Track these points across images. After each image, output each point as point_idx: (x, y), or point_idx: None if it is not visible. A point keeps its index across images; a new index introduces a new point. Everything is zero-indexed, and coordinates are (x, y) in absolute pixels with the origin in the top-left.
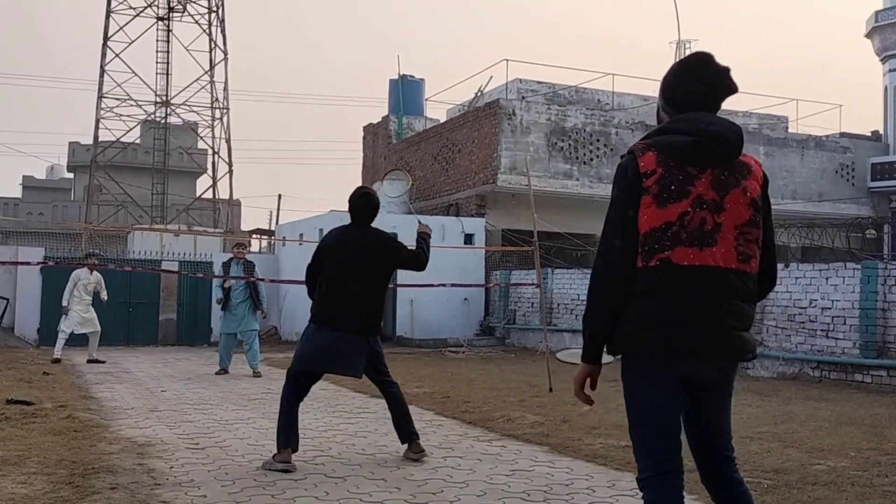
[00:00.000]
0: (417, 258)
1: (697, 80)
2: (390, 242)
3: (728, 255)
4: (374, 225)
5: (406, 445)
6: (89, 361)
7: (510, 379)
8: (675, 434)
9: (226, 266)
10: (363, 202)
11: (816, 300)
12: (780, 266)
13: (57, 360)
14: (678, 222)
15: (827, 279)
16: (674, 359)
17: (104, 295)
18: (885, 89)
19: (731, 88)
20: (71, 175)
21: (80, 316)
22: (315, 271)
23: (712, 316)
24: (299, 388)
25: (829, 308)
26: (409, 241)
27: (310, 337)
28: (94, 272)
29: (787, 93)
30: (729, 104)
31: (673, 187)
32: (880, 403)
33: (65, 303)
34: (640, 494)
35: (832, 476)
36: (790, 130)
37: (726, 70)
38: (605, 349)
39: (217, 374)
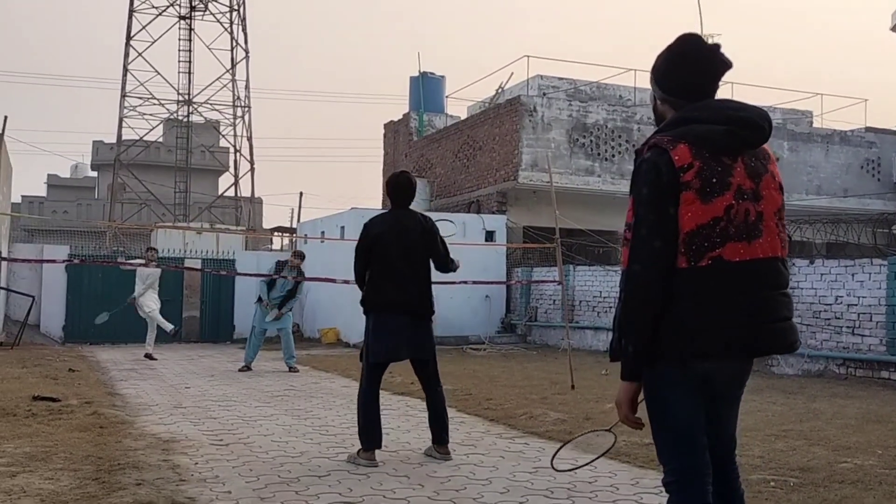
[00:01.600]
0: (449, 257)
1: (697, 65)
2: (433, 226)
3: (773, 244)
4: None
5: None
6: (145, 356)
7: (532, 376)
8: (702, 438)
9: (279, 265)
10: (404, 178)
11: (842, 297)
12: (805, 262)
13: (148, 356)
14: (725, 217)
15: (853, 275)
16: (727, 359)
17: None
18: None
19: (727, 64)
20: (95, 174)
21: (144, 307)
22: (365, 262)
23: (768, 311)
24: (376, 382)
25: (855, 305)
26: None
27: (378, 326)
28: (151, 265)
29: (811, 87)
30: (753, 99)
31: (714, 180)
32: None
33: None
34: (667, 498)
35: (859, 474)
36: (815, 125)
37: (717, 47)
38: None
39: (241, 370)
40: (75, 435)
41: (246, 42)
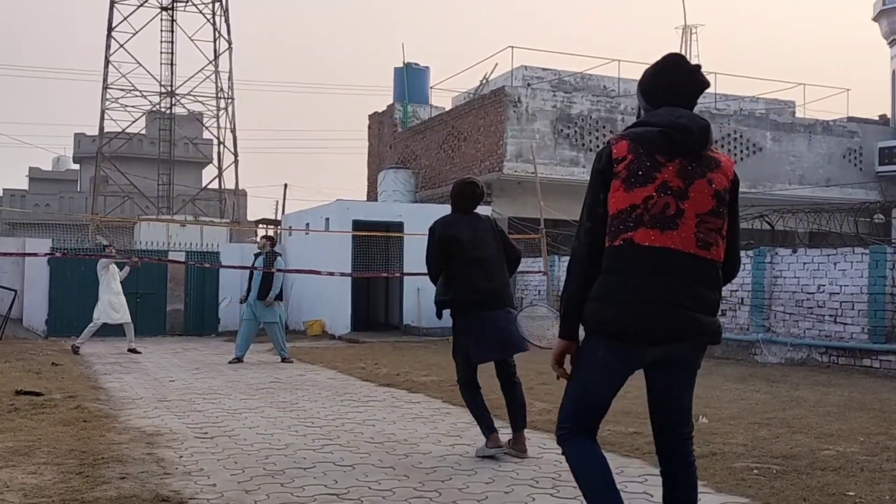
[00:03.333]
0: (517, 252)
1: (671, 79)
2: (496, 224)
3: (688, 240)
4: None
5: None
6: (129, 351)
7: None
8: (603, 409)
9: (255, 257)
10: (470, 189)
11: (824, 285)
12: (787, 251)
13: (75, 349)
14: (643, 205)
15: (835, 264)
16: (624, 335)
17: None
18: (893, 73)
19: (704, 83)
20: (77, 166)
21: (109, 305)
22: (438, 265)
23: (666, 295)
24: (474, 379)
25: (838, 293)
26: (414, 227)
27: (473, 327)
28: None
29: (793, 77)
30: (736, 90)
31: (640, 172)
32: (889, 388)
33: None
34: (561, 451)
35: (841, 461)
36: (797, 115)
37: (697, 68)
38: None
39: (231, 362)
40: (58, 429)
41: (229, 33)
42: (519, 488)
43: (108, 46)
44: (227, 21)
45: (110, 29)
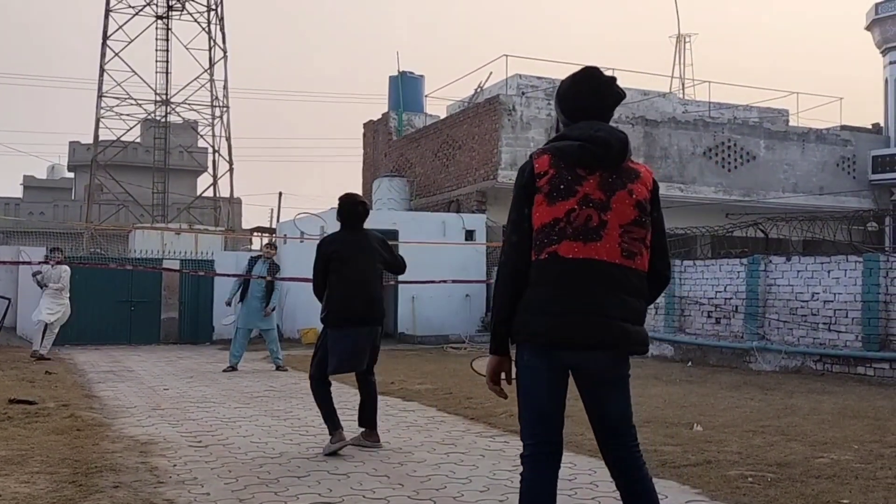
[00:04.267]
0: (399, 261)
1: (587, 92)
2: (382, 241)
3: (612, 251)
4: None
5: (362, 431)
6: (31, 355)
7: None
8: (555, 418)
9: (252, 261)
10: (361, 209)
11: (818, 293)
12: (781, 259)
13: (38, 356)
14: (565, 218)
15: (829, 272)
16: (555, 345)
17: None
18: (886, 82)
19: (620, 95)
20: (72, 175)
21: (46, 308)
22: (320, 281)
23: (593, 306)
24: (326, 378)
25: (831, 301)
26: (408, 235)
27: (338, 339)
28: (57, 266)
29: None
30: (729, 98)
31: (562, 186)
32: (883, 396)
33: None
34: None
35: (836, 469)
36: (791, 124)
37: (612, 80)
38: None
39: (225, 371)
40: (52, 438)
41: (224, 42)
42: (514, 497)
43: (102, 55)
44: (222, 30)
45: (105, 37)
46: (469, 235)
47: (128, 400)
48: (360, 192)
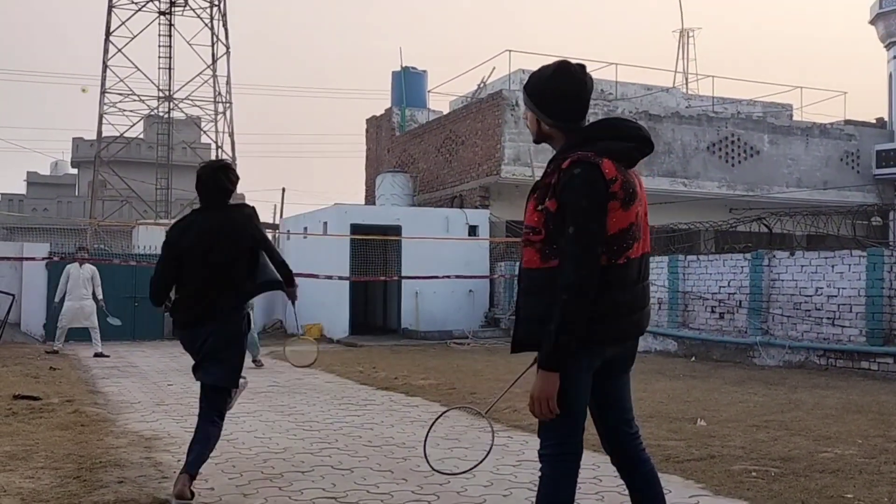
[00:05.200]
0: (282, 263)
1: (577, 90)
2: (254, 223)
3: (646, 241)
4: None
5: None
6: (95, 356)
7: (516, 370)
8: (584, 417)
9: None
10: (211, 176)
11: (822, 288)
12: (785, 254)
13: (53, 351)
14: (636, 222)
15: (832, 267)
16: (619, 342)
17: (98, 292)
18: (890, 76)
19: (592, 81)
20: (75, 171)
21: (72, 310)
22: (160, 276)
23: (644, 299)
24: None
25: (835, 296)
26: (411, 231)
27: (187, 341)
28: (85, 265)
29: (791, 80)
30: (733, 93)
31: (631, 190)
32: (887, 391)
33: (56, 298)
34: (539, 467)
35: (839, 464)
36: (795, 118)
37: (583, 67)
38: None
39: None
40: (56, 433)
41: (227, 37)
42: (517, 491)
43: (105, 51)
44: (224, 25)
45: (108, 34)
46: (472, 231)
47: (132, 395)
48: (363, 188)
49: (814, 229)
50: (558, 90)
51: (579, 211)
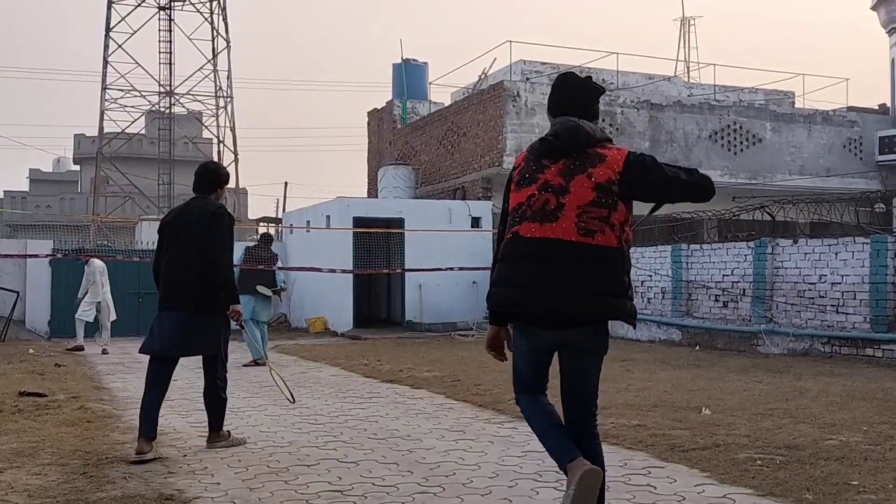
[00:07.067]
0: (213, 254)
1: (563, 94)
2: (216, 213)
3: (568, 230)
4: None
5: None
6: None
7: None
8: (533, 378)
9: (249, 252)
10: (201, 169)
11: (826, 275)
12: (788, 242)
13: (75, 349)
14: (526, 202)
15: (836, 254)
16: (523, 315)
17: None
18: (892, 62)
19: (597, 90)
20: (77, 167)
21: (86, 305)
22: (157, 257)
23: (551, 280)
24: (158, 368)
25: (839, 283)
26: (414, 223)
27: (155, 320)
28: (91, 261)
29: (793, 67)
30: (735, 80)
31: (527, 175)
32: (892, 378)
33: (80, 295)
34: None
35: (845, 451)
36: (797, 105)
37: (587, 80)
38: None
39: (247, 365)
40: (62, 430)
41: (227, 32)
42: (523, 482)
43: (106, 47)
44: (224, 20)
45: (108, 29)
46: (475, 222)
47: (137, 391)
48: (365, 180)
49: (817, 217)
50: (552, 94)
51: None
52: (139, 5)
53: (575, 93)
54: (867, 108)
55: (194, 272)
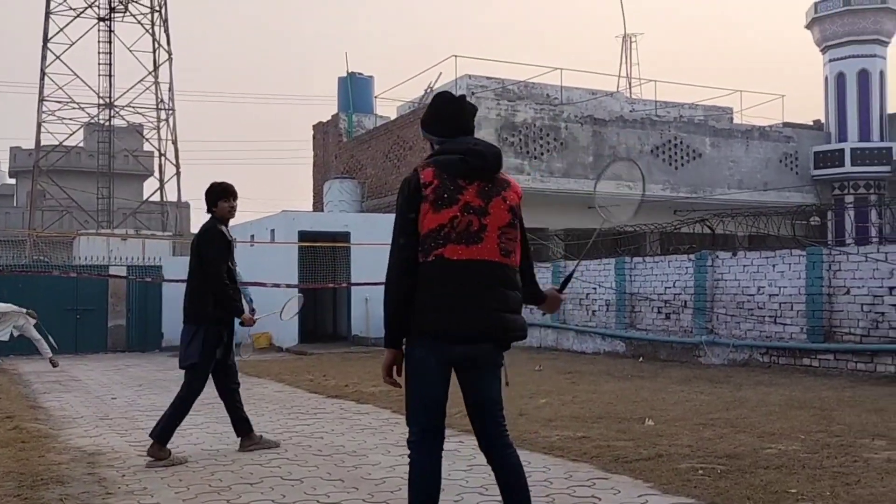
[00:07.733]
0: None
1: (456, 112)
2: (203, 238)
3: (492, 250)
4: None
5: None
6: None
7: None
8: (441, 406)
9: None
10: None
11: (764, 287)
12: (727, 255)
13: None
14: (449, 224)
15: (773, 266)
16: (444, 339)
17: None
18: (826, 79)
19: (473, 108)
20: (13, 181)
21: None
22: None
23: (476, 300)
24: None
25: (777, 294)
26: (361, 237)
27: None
28: None
29: (731, 84)
30: (675, 97)
31: (445, 195)
32: (828, 387)
33: None
34: (408, 454)
35: (783, 459)
36: (735, 121)
37: (462, 98)
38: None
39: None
40: None
41: (168, 44)
42: (468, 496)
43: (43, 58)
44: (166, 31)
45: (46, 40)
46: None
47: (74, 410)
48: (310, 194)
49: (755, 230)
50: (436, 114)
51: (396, 209)
52: (78, 16)
53: (463, 110)
54: (803, 124)
55: (191, 288)
